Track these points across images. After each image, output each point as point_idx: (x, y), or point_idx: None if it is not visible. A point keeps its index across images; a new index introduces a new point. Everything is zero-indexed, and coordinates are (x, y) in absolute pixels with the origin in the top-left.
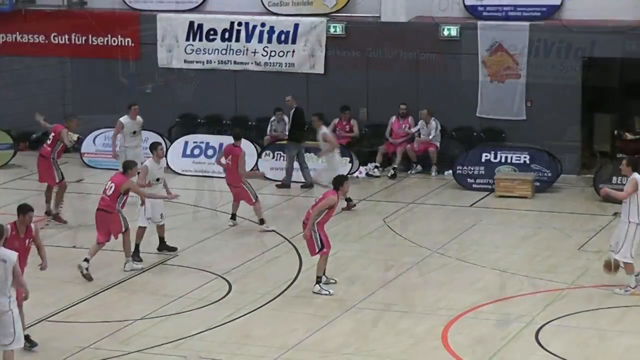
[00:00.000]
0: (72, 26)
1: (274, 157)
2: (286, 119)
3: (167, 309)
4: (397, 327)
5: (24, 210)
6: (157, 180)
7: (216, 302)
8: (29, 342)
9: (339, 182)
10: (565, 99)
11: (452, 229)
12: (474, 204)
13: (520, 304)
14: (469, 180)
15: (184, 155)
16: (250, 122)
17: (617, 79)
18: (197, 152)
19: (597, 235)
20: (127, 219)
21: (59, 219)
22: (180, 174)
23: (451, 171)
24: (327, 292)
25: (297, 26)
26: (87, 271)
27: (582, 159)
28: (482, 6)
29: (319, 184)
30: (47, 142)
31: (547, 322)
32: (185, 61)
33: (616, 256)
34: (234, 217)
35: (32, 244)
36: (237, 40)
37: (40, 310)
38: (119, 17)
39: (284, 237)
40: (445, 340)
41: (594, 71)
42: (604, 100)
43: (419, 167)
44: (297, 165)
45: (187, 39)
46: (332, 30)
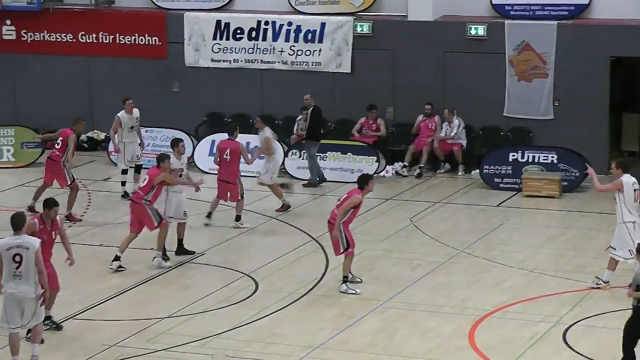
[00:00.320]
0: (100, 25)
1: (300, 156)
2: None
3: (193, 307)
4: (423, 327)
5: (50, 204)
6: (180, 176)
7: (242, 300)
8: (53, 323)
9: (365, 181)
10: (593, 98)
11: (478, 228)
12: (501, 203)
13: (547, 304)
14: (496, 179)
15: (211, 154)
16: (276, 121)
17: None
18: None
19: None
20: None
21: (73, 218)
22: (206, 173)
23: (478, 170)
24: (354, 292)
25: (323, 25)
26: (119, 268)
27: (610, 159)
28: (509, 5)
29: (263, 183)
30: (56, 146)
31: (575, 322)
32: (212, 60)
33: (617, 258)
34: (210, 215)
35: (57, 235)
36: (264, 39)
37: (66, 308)
38: (146, 16)
39: (310, 236)
40: (471, 340)
41: (622, 70)
42: (632, 99)
43: (447, 165)
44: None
45: (214, 38)
46: (359, 29)
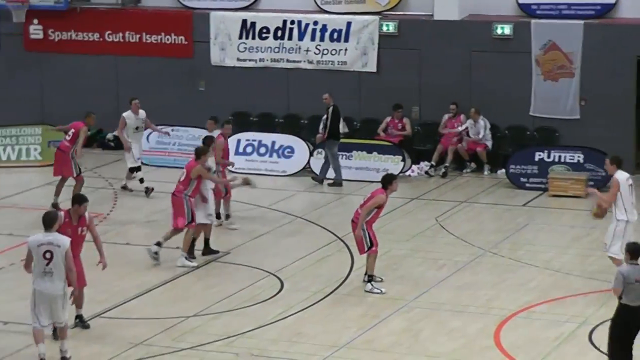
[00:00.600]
0: (126, 24)
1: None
2: None
3: (219, 306)
4: (448, 327)
5: (79, 200)
6: (214, 173)
7: (268, 300)
8: (81, 321)
9: (389, 180)
10: (619, 97)
11: (504, 228)
12: (527, 203)
13: (573, 305)
14: (522, 179)
15: (237, 153)
16: (302, 121)
17: None
18: (249, 150)
19: None
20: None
21: (58, 208)
22: (232, 172)
23: (504, 170)
24: (379, 291)
25: (349, 24)
26: (155, 255)
27: (637, 158)
28: (536, 4)
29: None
30: (67, 137)
31: (601, 323)
32: (238, 59)
33: (608, 254)
34: (220, 216)
35: (85, 232)
36: (290, 38)
37: (92, 306)
38: (172, 16)
39: (335, 235)
40: (497, 340)
41: None
42: None
43: (473, 165)
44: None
45: (240, 37)
46: (385, 28)
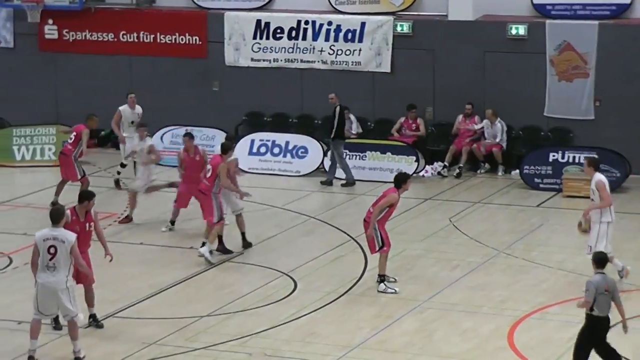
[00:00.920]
0: (141, 24)
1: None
2: (352, 117)
3: (232, 306)
4: (462, 327)
5: (87, 196)
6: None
7: (281, 300)
8: (95, 321)
9: (402, 180)
10: (634, 98)
11: (518, 229)
12: (541, 204)
13: None
14: (536, 180)
15: (250, 153)
16: (316, 121)
17: None
18: (263, 150)
19: None
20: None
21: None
22: (246, 172)
23: (518, 171)
24: (393, 291)
25: (363, 25)
26: (209, 254)
27: None
28: (550, 5)
29: (132, 189)
30: (69, 140)
31: (614, 324)
32: (252, 59)
33: (589, 256)
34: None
35: (92, 228)
36: (304, 38)
37: (106, 306)
38: (186, 16)
39: (349, 235)
40: (510, 340)
41: None
42: None
43: (487, 165)
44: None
45: (254, 37)
46: (399, 28)
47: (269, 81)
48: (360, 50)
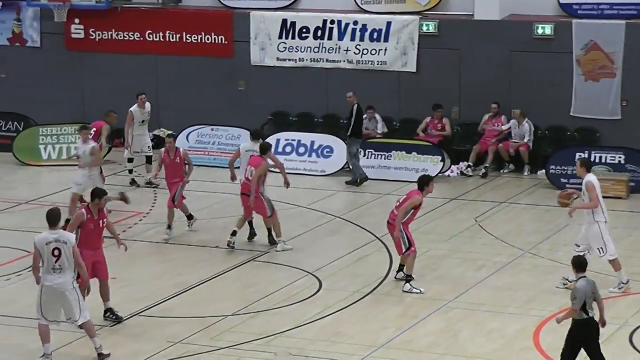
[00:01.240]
0: (167, 24)
1: (365, 155)
2: (378, 117)
3: (257, 305)
4: (487, 327)
5: (99, 194)
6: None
7: (306, 299)
8: (113, 315)
9: (425, 181)
10: None
11: (544, 229)
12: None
13: (613, 306)
14: (562, 179)
15: (276, 152)
16: (341, 121)
17: None
18: (288, 149)
19: None
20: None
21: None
22: (271, 171)
23: (544, 171)
24: (418, 291)
25: (389, 24)
26: (284, 245)
27: None
28: (577, 4)
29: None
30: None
31: None
32: (277, 59)
33: (605, 257)
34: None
35: (105, 225)
36: (330, 38)
37: (131, 305)
38: (212, 15)
39: (374, 235)
40: (536, 341)
41: None
42: None
43: (512, 166)
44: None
45: (280, 37)
46: (425, 28)
47: (295, 81)
48: (385, 49)
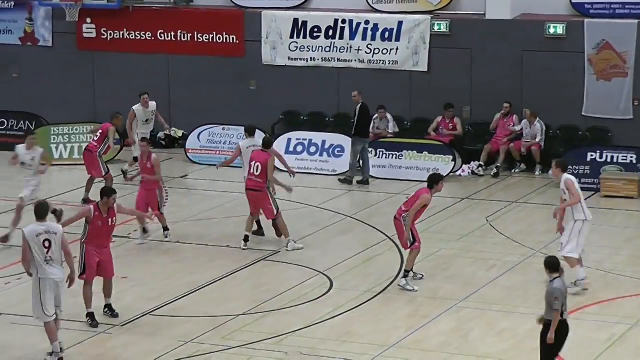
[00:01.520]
0: (178, 23)
1: (376, 155)
2: (389, 116)
3: (268, 305)
4: (498, 327)
5: (108, 193)
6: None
7: (317, 299)
8: (110, 311)
9: (435, 180)
10: None
11: (555, 229)
12: None
13: (624, 306)
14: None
15: (287, 152)
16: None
17: None
18: (300, 149)
19: None
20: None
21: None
22: (282, 171)
23: None
24: (412, 289)
25: (401, 24)
26: (296, 245)
27: None
28: (589, 4)
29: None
30: (95, 138)
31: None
32: (289, 58)
33: (561, 253)
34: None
35: (114, 222)
36: (341, 37)
37: (143, 304)
38: (224, 15)
39: (385, 234)
40: None
41: None
42: None
43: (523, 166)
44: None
45: (292, 37)
46: (437, 27)
47: (306, 80)
48: (397, 49)
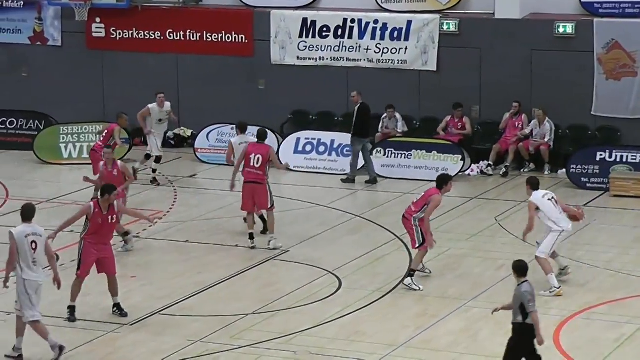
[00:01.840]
0: (187, 23)
1: (385, 154)
2: (398, 116)
3: (277, 304)
4: (507, 327)
5: (108, 190)
6: None
7: (326, 298)
8: (119, 310)
9: (444, 181)
10: None
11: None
12: (588, 203)
13: (634, 306)
14: (583, 179)
15: (296, 151)
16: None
17: None
18: (308, 148)
19: None
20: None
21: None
22: (292, 170)
23: (565, 170)
24: (418, 288)
25: (410, 23)
26: (276, 245)
27: None
28: (598, 3)
29: None
30: (100, 138)
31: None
32: (298, 58)
33: (536, 253)
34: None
35: (114, 220)
36: (350, 37)
37: (151, 303)
38: (233, 14)
39: (394, 234)
40: (556, 340)
41: None
42: None
43: (532, 165)
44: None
45: (300, 36)
46: (446, 27)
47: (315, 80)
48: (406, 48)
